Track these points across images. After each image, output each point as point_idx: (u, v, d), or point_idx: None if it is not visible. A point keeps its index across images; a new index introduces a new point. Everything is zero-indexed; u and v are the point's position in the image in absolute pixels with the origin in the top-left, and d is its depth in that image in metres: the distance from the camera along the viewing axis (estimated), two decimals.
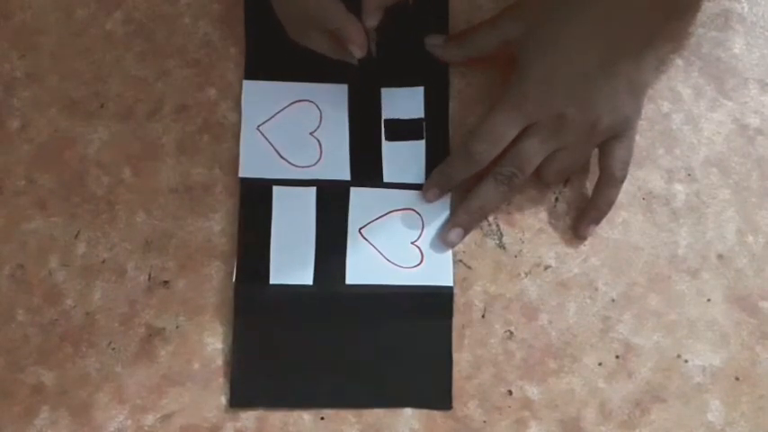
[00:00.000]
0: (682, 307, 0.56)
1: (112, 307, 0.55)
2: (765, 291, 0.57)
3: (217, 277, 0.55)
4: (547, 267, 0.56)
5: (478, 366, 0.55)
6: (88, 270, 0.55)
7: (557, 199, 0.57)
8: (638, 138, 0.57)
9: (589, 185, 0.57)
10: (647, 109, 0.58)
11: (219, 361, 0.54)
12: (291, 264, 0.55)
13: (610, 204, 0.56)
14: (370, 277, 0.55)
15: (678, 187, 0.58)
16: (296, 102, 0.57)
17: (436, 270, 0.55)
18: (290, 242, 0.55)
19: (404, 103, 0.57)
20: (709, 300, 0.56)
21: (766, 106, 0.59)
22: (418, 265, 0.55)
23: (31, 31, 0.58)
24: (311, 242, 0.55)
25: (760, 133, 0.59)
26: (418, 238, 0.56)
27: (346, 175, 0.56)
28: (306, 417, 0.54)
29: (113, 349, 0.54)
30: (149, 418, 0.54)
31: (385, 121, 0.57)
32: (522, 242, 0.57)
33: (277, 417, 0.54)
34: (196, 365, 0.54)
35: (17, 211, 0.56)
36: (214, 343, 0.55)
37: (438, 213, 0.56)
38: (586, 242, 0.57)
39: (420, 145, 0.57)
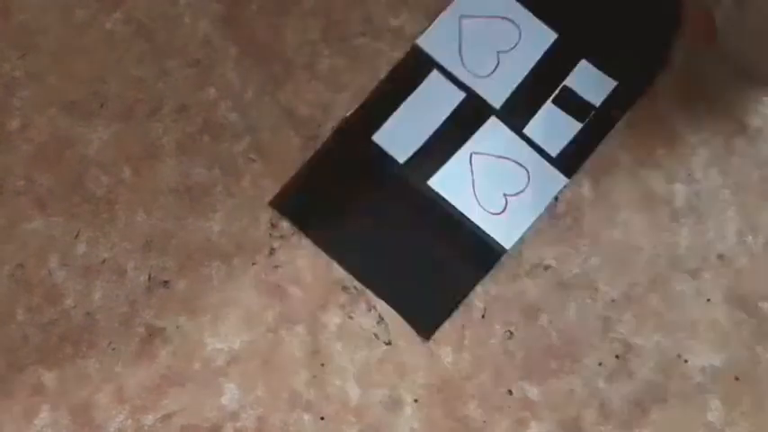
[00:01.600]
0: (682, 307, 0.56)
1: (112, 307, 0.55)
2: (765, 291, 0.56)
3: (217, 277, 0.55)
4: (547, 267, 0.56)
5: (479, 366, 0.55)
6: (88, 270, 0.55)
7: (556, 198, 0.57)
8: (640, 137, 0.57)
9: (588, 185, 0.57)
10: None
11: (220, 361, 0.54)
12: (399, 136, 0.57)
13: None
14: (450, 194, 0.56)
15: (679, 187, 0.58)
16: (506, 18, 0.59)
17: (506, 229, 0.56)
18: (412, 119, 0.57)
19: (591, 83, 0.58)
20: (709, 300, 0.56)
21: (767, 106, 0.59)
22: (497, 214, 0.56)
23: (31, 31, 0.58)
24: (427, 133, 0.57)
25: (760, 134, 0.59)
26: (514, 195, 0.56)
27: (497, 104, 0.57)
28: (306, 417, 0.54)
29: (113, 349, 0.54)
30: (149, 418, 0.54)
31: (563, 86, 0.58)
32: (523, 242, 0.57)
33: (277, 417, 0.54)
34: (196, 365, 0.54)
35: (17, 210, 0.56)
36: (214, 343, 0.55)
37: (544, 189, 0.57)
38: (587, 242, 0.57)
39: (575, 126, 0.57)
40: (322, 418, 0.54)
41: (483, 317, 0.56)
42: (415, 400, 0.54)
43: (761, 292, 0.56)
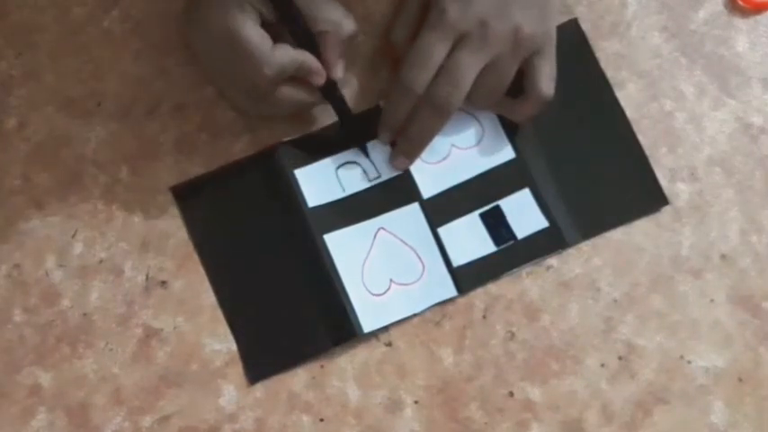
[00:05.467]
0: (685, 307, 0.56)
1: (109, 307, 0.55)
2: None
3: None
4: (548, 268, 0.56)
5: (480, 367, 0.54)
6: (85, 270, 0.55)
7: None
8: (640, 136, 0.57)
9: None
10: (650, 107, 0.58)
11: (218, 362, 0.54)
12: (320, 182, 0.56)
13: (529, 119, 0.56)
14: (339, 256, 0.55)
15: (681, 186, 0.57)
16: (475, 117, 0.57)
17: (375, 313, 0.54)
18: (340, 172, 0.56)
19: (523, 214, 0.56)
20: (712, 300, 0.56)
21: None
22: (375, 295, 0.55)
23: (28, 29, 0.58)
24: (348, 191, 0.56)
25: (763, 132, 0.58)
26: (400, 284, 0.55)
27: (427, 193, 0.56)
28: (305, 418, 0.53)
29: (110, 350, 0.54)
30: (147, 420, 0.53)
31: (496, 204, 0.56)
32: None
33: (275, 418, 0.53)
34: (194, 366, 0.54)
35: (14, 210, 0.56)
36: (212, 344, 0.54)
37: (431, 293, 0.55)
38: (589, 242, 0.56)
39: (489, 247, 0.56)
40: (321, 420, 0.53)
41: (484, 317, 0.55)
42: (416, 402, 0.54)
43: (765, 292, 0.56)
